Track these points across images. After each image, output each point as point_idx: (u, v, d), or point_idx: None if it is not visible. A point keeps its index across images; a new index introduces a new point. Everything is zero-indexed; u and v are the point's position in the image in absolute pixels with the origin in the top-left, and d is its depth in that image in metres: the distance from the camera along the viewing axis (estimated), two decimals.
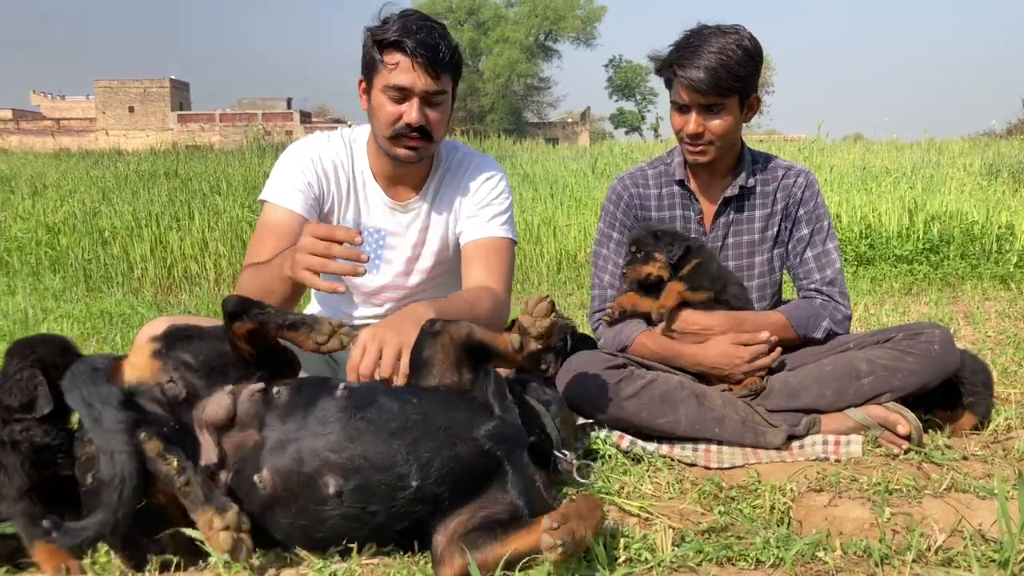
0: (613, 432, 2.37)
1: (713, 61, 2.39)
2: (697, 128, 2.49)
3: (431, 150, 2.44)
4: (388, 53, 2.29)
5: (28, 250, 7.36)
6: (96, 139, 59.04)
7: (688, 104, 2.48)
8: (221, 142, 46.20)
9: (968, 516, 1.83)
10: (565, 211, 8.70)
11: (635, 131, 79.66)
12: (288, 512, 1.62)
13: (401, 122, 2.32)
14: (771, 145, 18.70)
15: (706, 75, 2.39)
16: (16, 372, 1.65)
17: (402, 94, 2.30)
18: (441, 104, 2.37)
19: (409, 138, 2.34)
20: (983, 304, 4.98)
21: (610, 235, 2.78)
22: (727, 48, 2.41)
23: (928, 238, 6.69)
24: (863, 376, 2.38)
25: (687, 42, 2.47)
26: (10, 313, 4.73)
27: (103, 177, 15.17)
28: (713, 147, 2.53)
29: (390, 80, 2.29)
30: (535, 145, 27.83)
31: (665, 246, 2.50)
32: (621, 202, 2.75)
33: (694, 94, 2.44)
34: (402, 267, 2.59)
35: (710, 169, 2.65)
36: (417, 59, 2.25)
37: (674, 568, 1.64)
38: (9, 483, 1.59)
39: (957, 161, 14.31)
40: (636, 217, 2.74)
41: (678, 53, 2.47)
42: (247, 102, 65.98)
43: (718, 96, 2.43)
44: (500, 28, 60.92)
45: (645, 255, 2.52)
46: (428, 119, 2.33)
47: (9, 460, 1.60)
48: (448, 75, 2.34)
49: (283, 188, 2.43)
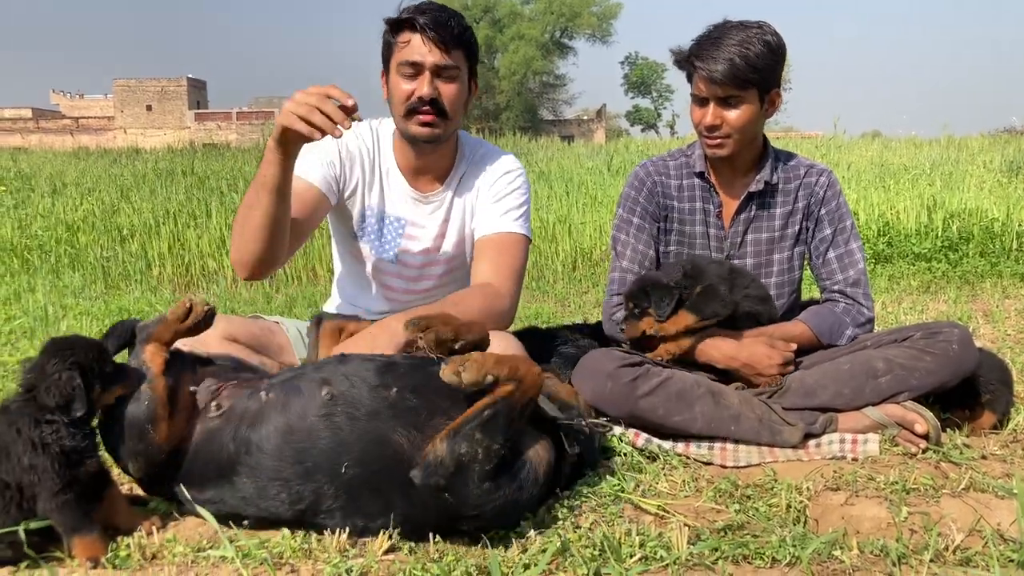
0: (629, 430, 2.37)
1: (732, 53, 2.40)
2: (714, 120, 2.49)
3: (448, 129, 2.45)
4: (400, 33, 2.37)
5: (48, 248, 7.43)
6: (114, 137, 59.53)
7: (706, 96, 2.48)
8: (238, 140, 46.44)
9: (987, 516, 1.82)
10: (580, 209, 8.69)
11: (651, 128, 79.54)
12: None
13: (413, 97, 2.37)
14: (788, 142, 18.61)
15: (724, 66, 2.39)
16: (55, 373, 1.67)
17: (414, 69, 2.36)
18: (455, 80, 2.40)
19: (422, 113, 2.38)
20: (1003, 302, 4.94)
21: (630, 220, 2.74)
22: (748, 41, 2.41)
23: (947, 236, 6.64)
24: (880, 375, 2.36)
25: (709, 35, 2.48)
26: (31, 310, 4.78)
27: (121, 175, 15.32)
28: (731, 140, 2.52)
29: (402, 57, 2.36)
30: (550, 143, 27.81)
31: (655, 302, 2.48)
32: (644, 188, 2.73)
33: (712, 85, 2.44)
34: (423, 259, 2.61)
35: (731, 164, 2.64)
36: (427, 33, 2.32)
37: (690, 566, 1.64)
38: (41, 484, 1.62)
39: (977, 158, 14.20)
40: (659, 205, 2.72)
41: (699, 46, 2.48)
42: (264, 100, 66.36)
43: (736, 88, 2.43)
44: (516, 25, 60.86)
45: (640, 312, 2.52)
46: (441, 93, 2.38)
47: (40, 462, 1.62)
48: (460, 52, 2.39)
49: (305, 161, 2.43)
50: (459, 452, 1.64)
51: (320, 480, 1.72)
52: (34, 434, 1.64)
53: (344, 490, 1.72)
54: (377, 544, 1.70)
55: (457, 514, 1.68)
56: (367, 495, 1.72)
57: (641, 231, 2.72)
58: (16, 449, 1.63)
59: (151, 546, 1.72)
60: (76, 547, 1.64)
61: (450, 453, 1.64)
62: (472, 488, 1.65)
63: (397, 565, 1.63)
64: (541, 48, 61.05)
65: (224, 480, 1.79)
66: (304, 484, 1.73)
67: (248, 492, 1.77)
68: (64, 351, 1.71)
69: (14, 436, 1.64)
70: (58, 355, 1.70)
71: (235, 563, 1.60)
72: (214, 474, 1.79)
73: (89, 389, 1.69)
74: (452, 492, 1.64)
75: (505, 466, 1.70)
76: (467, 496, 1.65)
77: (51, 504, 1.62)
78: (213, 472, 1.79)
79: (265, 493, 1.75)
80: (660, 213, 2.73)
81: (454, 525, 1.71)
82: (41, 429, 1.64)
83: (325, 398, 1.77)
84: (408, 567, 1.60)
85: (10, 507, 1.62)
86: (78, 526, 1.64)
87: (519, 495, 1.73)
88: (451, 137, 2.53)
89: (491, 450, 1.66)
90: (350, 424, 1.74)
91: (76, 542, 1.64)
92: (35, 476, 1.62)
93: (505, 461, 1.70)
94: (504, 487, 1.69)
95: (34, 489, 1.62)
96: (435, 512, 1.69)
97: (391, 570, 1.62)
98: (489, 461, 1.66)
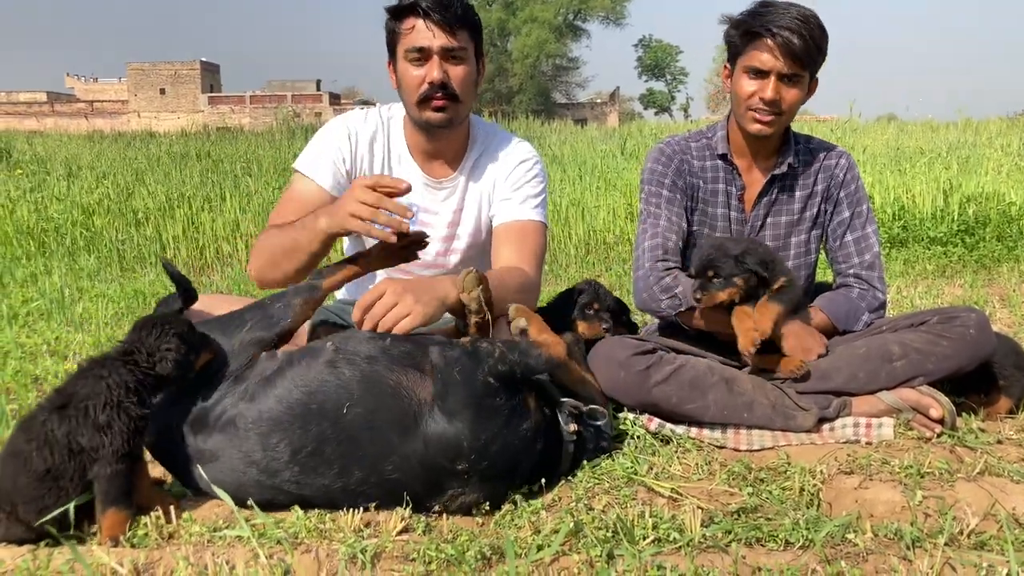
0: (642, 414, 2.37)
1: (804, 30, 2.35)
2: (775, 95, 2.43)
3: (461, 113, 2.45)
4: (404, 19, 2.35)
5: (64, 231, 7.46)
6: (128, 121, 59.72)
7: (769, 70, 2.41)
8: (251, 124, 46.48)
9: (1002, 500, 1.82)
10: (594, 192, 8.65)
11: (665, 112, 79.10)
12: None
13: (425, 84, 2.35)
14: (803, 125, 18.43)
15: (799, 41, 2.34)
16: (163, 343, 1.77)
17: (422, 55, 2.35)
18: (464, 62, 2.39)
19: (435, 98, 2.37)
20: (1020, 286, 4.90)
21: (659, 193, 2.63)
22: (811, 20, 2.38)
23: (963, 220, 6.57)
24: (896, 359, 2.35)
25: (773, 9, 2.40)
26: (47, 292, 4.81)
27: (136, 159, 15.35)
28: (780, 119, 2.48)
29: (408, 44, 2.35)
30: (563, 126, 27.64)
31: (754, 269, 2.33)
32: (672, 163, 2.65)
33: (784, 59, 2.37)
34: (438, 246, 2.60)
35: (763, 145, 2.60)
36: (431, 17, 2.30)
37: (703, 548, 1.64)
38: (109, 446, 1.66)
39: (995, 141, 14.04)
40: (687, 182, 2.64)
41: (766, 16, 2.39)
42: (277, 84, 66.25)
43: (802, 67, 2.40)
44: (529, 8, 60.42)
45: (724, 280, 2.35)
46: (450, 76, 2.37)
47: (116, 423, 1.67)
48: (465, 32, 2.37)
49: (315, 161, 2.48)
50: (479, 344, 1.88)
51: (324, 425, 1.78)
52: (119, 395, 1.70)
53: (345, 433, 1.77)
54: (391, 524, 1.72)
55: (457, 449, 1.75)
56: (367, 437, 1.77)
57: (672, 203, 2.63)
58: (98, 406, 1.67)
59: (168, 526, 1.74)
60: (107, 520, 1.66)
61: (472, 343, 1.90)
62: (479, 377, 1.80)
63: (411, 545, 1.64)
64: (554, 31, 60.65)
65: (230, 427, 1.82)
66: (306, 430, 1.78)
67: (250, 445, 1.80)
68: (164, 324, 1.80)
69: (102, 393, 1.69)
70: (158, 328, 1.79)
71: (251, 543, 1.62)
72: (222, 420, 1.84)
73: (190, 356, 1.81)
74: (462, 372, 1.81)
75: (509, 394, 1.83)
76: (474, 385, 1.79)
77: (107, 470, 1.65)
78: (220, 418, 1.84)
79: (268, 443, 1.79)
80: (688, 191, 2.66)
81: (452, 466, 1.75)
82: (126, 391, 1.71)
83: (330, 350, 1.88)
84: (422, 547, 1.61)
85: (74, 477, 1.65)
86: (119, 499, 1.67)
87: (512, 437, 1.81)
88: (464, 120, 2.52)
89: (505, 356, 1.85)
90: (350, 368, 1.84)
91: (110, 514, 1.66)
92: (107, 437, 1.66)
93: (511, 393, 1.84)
94: (502, 412, 1.81)
95: (98, 453, 1.65)
96: (436, 448, 1.75)
97: (405, 550, 1.63)
98: (502, 363, 1.84)
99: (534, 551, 1.59)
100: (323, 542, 1.67)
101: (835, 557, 1.60)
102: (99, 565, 1.56)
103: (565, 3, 61.32)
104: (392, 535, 1.68)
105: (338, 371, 1.84)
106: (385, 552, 1.63)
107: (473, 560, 1.56)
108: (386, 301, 1.92)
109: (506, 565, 1.53)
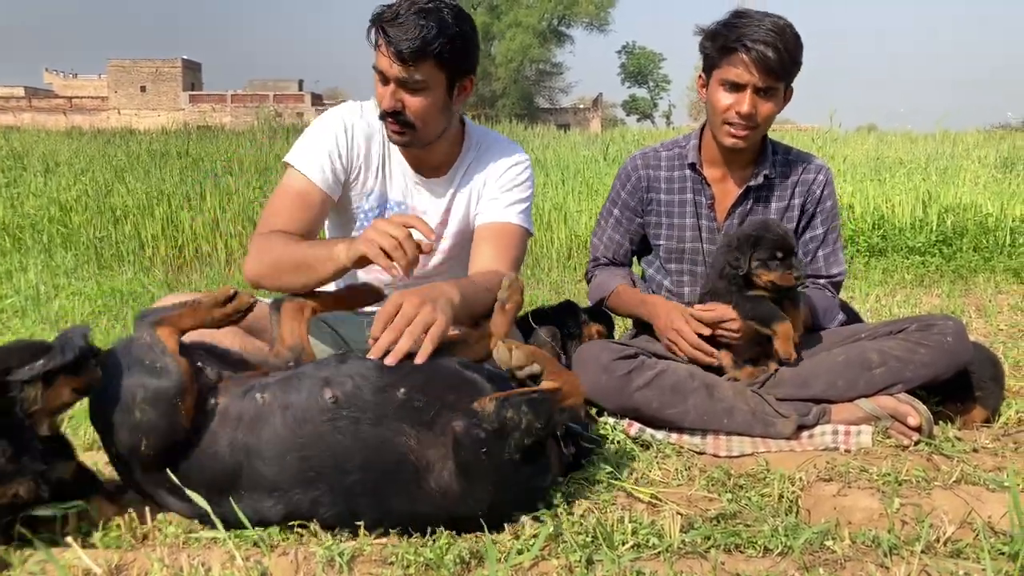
0: (622, 419, 2.37)
1: (779, 43, 2.34)
2: (751, 108, 2.43)
3: (422, 138, 2.36)
4: (378, 34, 2.26)
5: (40, 227, 7.38)
6: (108, 118, 59.12)
7: (745, 84, 2.40)
8: (232, 123, 46.18)
9: (978, 508, 1.83)
10: (576, 197, 8.68)
11: (647, 118, 79.52)
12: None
13: (382, 105, 2.31)
14: (783, 135, 18.59)
15: (775, 55, 2.34)
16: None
17: (383, 77, 2.28)
18: (422, 92, 2.26)
19: (390, 122, 2.32)
20: (996, 297, 4.95)
21: (611, 211, 2.86)
22: (786, 32, 2.37)
23: (941, 230, 6.66)
24: (875, 367, 2.37)
25: (746, 20, 2.39)
26: (23, 289, 4.75)
27: (115, 156, 15.20)
28: (755, 132, 2.49)
29: (375, 61, 2.29)
30: (546, 131, 27.67)
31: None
32: (628, 183, 2.78)
33: (759, 73, 2.37)
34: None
35: (737, 157, 2.61)
36: (389, 47, 2.19)
37: (682, 554, 1.64)
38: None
39: (972, 153, 14.22)
40: (642, 199, 2.75)
41: (741, 29, 2.38)
42: (258, 83, 65.89)
43: (776, 79, 2.40)
44: (513, 12, 60.50)
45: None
46: (406, 104, 2.27)
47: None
48: (428, 63, 2.21)
49: (307, 156, 2.40)
50: (505, 415, 1.66)
51: (321, 488, 1.67)
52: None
53: (342, 497, 1.67)
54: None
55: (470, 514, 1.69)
56: (365, 500, 1.68)
57: (619, 223, 2.83)
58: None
59: (142, 527, 1.72)
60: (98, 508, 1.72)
61: (497, 412, 1.66)
62: (505, 456, 1.67)
63: (389, 549, 1.63)
64: (538, 36, 60.73)
65: (218, 492, 1.68)
66: (304, 494, 1.68)
67: (243, 504, 1.68)
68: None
69: None
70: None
71: (227, 544, 1.60)
72: (208, 482, 1.68)
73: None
74: (488, 451, 1.65)
75: (532, 456, 1.72)
76: (498, 462, 1.66)
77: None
78: (208, 479, 1.69)
79: (260, 505, 1.69)
80: (641, 208, 2.77)
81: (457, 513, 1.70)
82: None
83: (329, 402, 1.69)
84: (401, 551, 1.59)
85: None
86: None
87: (542, 481, 1.82)
88: (446, 132, 2.44)
89: (532, 427, 1.68)
90: (355, 429, 1.67)
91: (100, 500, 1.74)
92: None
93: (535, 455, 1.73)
94: (523, 475, 1.74)
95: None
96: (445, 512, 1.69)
97: (383, 554, 1.62)
98: (528, 436, 1.67)
99: (514, 555, 1.58)
100: (300, 545, 1.66)
101: (813, 564, 1.61)
102: (71, 566, 1.53)
103: (549, 8, 61.46)
104: (370, 538, 1.66)
105: (339, 430, 1.67)
106: (363, 555, 1.62)
107: (452, 564, 1.55)
108: (407, 311, 1.82)
109: (485, 569, 1.52)
